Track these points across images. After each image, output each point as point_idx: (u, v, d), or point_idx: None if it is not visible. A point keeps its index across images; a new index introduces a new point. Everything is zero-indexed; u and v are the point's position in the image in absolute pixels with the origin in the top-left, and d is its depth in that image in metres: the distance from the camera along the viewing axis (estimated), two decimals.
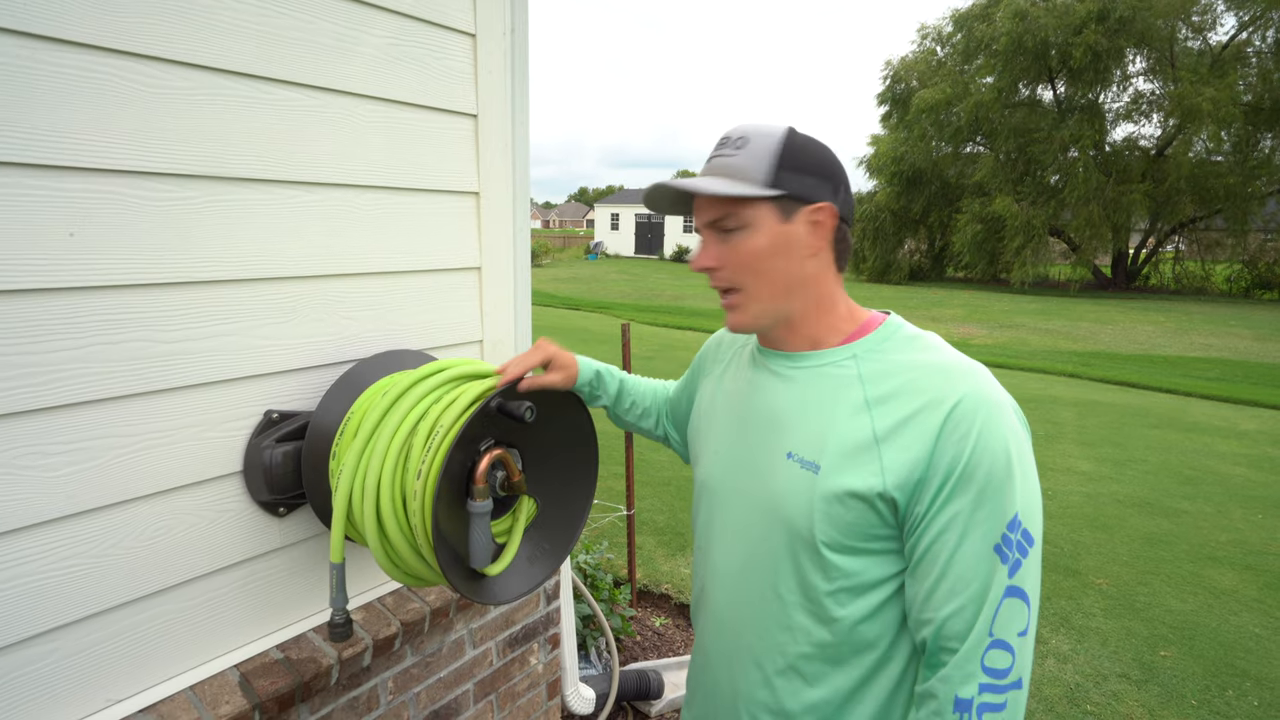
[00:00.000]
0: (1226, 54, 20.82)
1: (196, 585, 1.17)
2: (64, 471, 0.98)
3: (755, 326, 0.90)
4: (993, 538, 0.75)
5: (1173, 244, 23.81)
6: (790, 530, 0.85)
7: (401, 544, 1.08)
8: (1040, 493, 0.80)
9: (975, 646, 0.75)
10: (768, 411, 0.92)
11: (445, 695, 1.60)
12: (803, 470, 0.84)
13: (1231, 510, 4.49)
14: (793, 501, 0.84)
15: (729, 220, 0.85)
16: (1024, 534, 0.76)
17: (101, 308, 1.00)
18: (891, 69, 27.23)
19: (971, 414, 0.77)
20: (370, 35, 1.30)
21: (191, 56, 1.06)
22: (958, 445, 0.76)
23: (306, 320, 1.27)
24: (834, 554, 0.82)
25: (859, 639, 0.84)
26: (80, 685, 1.05)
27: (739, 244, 0.85)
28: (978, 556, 0.76)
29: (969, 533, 0.76)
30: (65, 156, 0.94)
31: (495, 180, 1.59)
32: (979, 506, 0.76)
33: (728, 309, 0.91)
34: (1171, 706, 2.52)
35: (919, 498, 0.78)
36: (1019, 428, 0.80)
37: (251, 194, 1.16)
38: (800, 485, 0.84)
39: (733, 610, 0.95)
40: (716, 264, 0.87)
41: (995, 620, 0.75)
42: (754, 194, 0.82)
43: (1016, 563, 0.75)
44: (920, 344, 0.86)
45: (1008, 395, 0.82)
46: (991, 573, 0.75)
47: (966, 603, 0.76)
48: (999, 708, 0.75)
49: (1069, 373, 9.66)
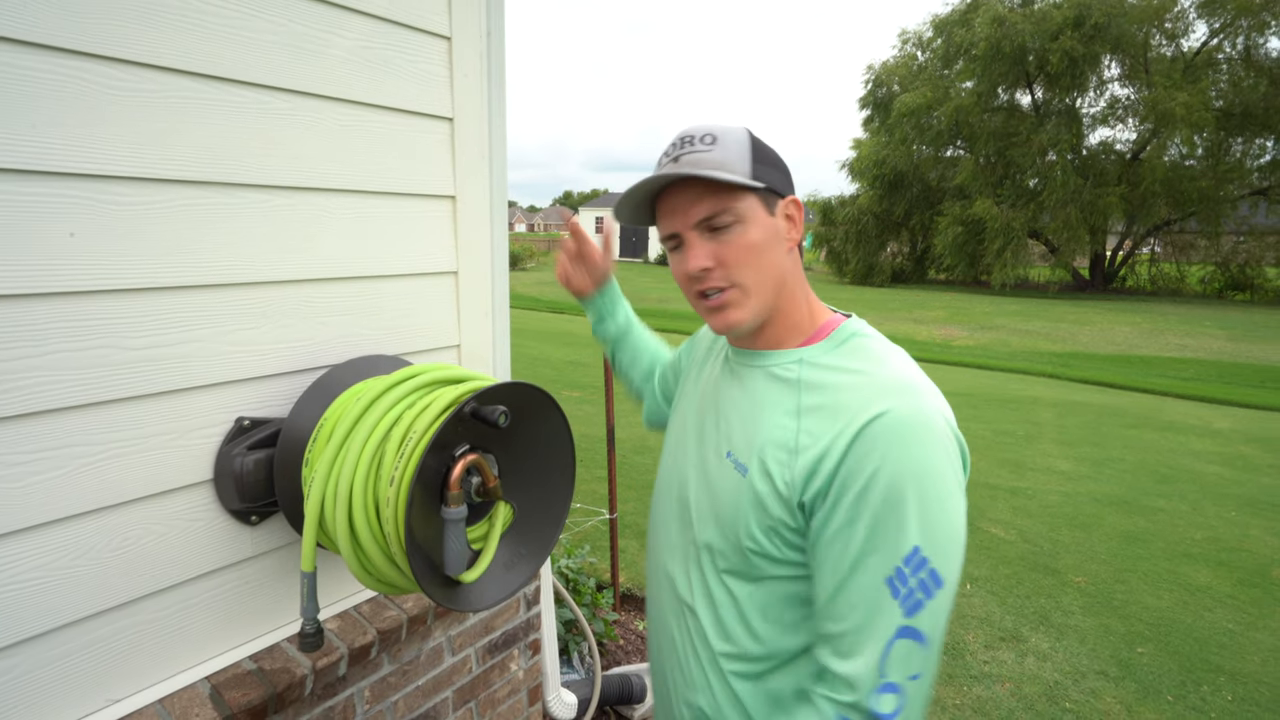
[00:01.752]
0: (1199, 60, 21.30)
1: (167, 595, 1.15)
2: (27, 481, 0.96)
3: (753, 323, 0.86)
4: (884, 569, 0.71)
5: (1148, 246, 24.27)
6: (720, 526, 0.86)
7: (375, 551, 1.07)
8: (961, 529, 0.74)
9: (863, 682, 0.72)
10: (721, 409, 0.93)
11: (423, 703, 1.58)
12: (735, 471, 0.85)
13: (1206, 508, 4.58)
14: (725, 500, 0.86)
15: (724, 215, 0.81)
16: (930, 573, 0.71)
17: (65, 314, 0.98)
18: (873, 73, 27.55)
19: (882, 434, 0.72)
20: (341, 38, 1.29)
21: (158, 59, 1.04)
22: (858, 464, 0.73)
23: (278, 325, 1.25)
24: (758, 559, 0.83)
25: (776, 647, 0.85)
26: (46, 700, 1.02)
27: (735, 239, 0.82)
28: (868, 586, 0.72)
29: (862, 559, 0.73)
30: (26, 160, 0.92)
31: (472, 184, 1.58)
32: (873, 533, 0.72)
33: (721, 307, 0.85)
34: (1149, 702, 2.55)
35: (822, 511, 0.76)
36: (941, 456, 0.73)
37: (221, 198, 1.15)
38: (732, 485, 0.85)
39: (663, 605, 0.96)
40: (714, 262, 0.83)
41: (886, 660, 0.71)
42: (750, 184, 0.80)
43: (917, 603, 0.71)
44: (867, 354, 0.83)
45: (943, 418, 0.76)
46: (881, 606, 0.71)
47: (850, 629, 0.73)
48: None
49: (1049, 373, 9.80)
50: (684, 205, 0.84)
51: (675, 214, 0.85)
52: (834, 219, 27.22)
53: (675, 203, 0.85)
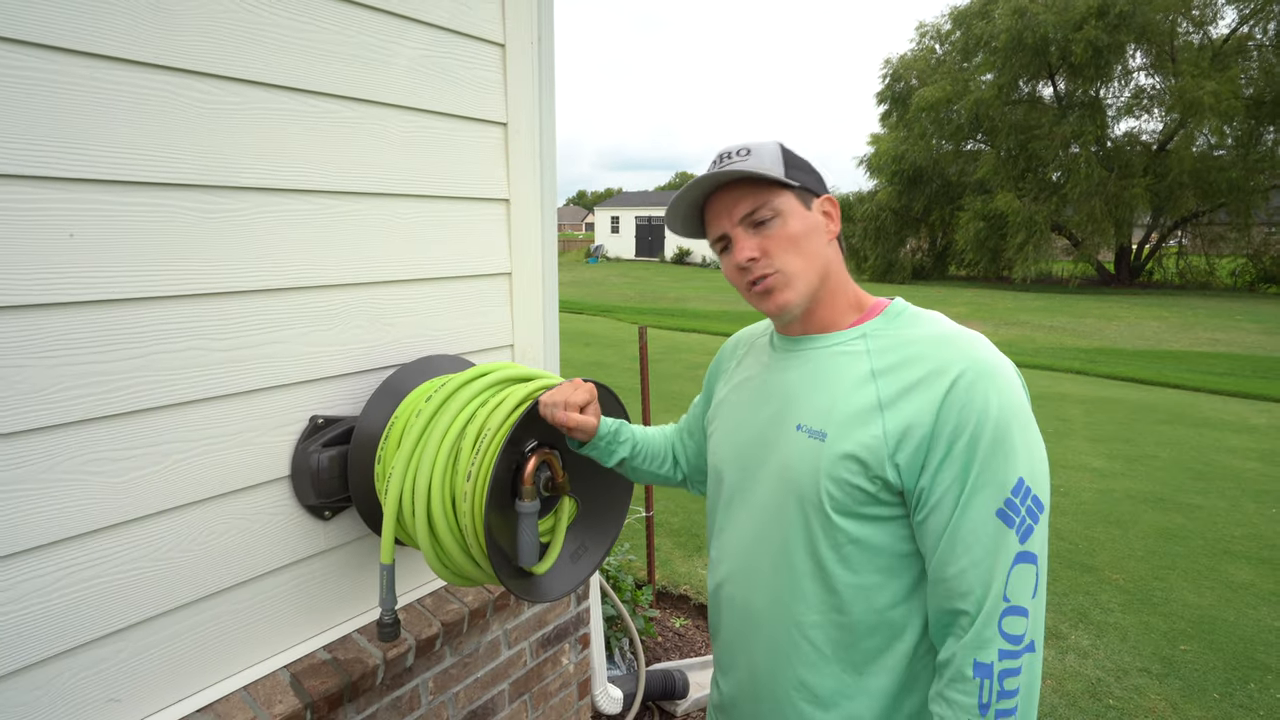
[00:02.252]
0: (1227, 47, 20.81)
1: (250, 587, 1.20)
2: (129, 477, 1.01)
3: (799, 304, 0.92)
4: (995, 503, 0.78)
5: (1175, 239, 23.77)
6: (800, 498, 0.89)
7: (451, 545, 1.10)
8: (1046, 458, 0.82)
9: (991, 612, 0.78)
10: (779, 390, 0.97)
11: (482, 695, 1.62)
12: (810, 439, 0.89)
13: (1245, 505, 4.50)
14: (801, 470, 0.89)
15: (763, 210, 0.90)
16: (1034, 499, 0.79)
17: (161, 318, 1.03)
18: (891, 67, 27.25)
19: (974, 382, 0.80)
20: (404, 47, 1.33)
21: (241, 72, 1.09)
22: (961, 412, 0.79)
23: (349, 326, 1.30)
24: (842, 518, 0.86)
25: (870, 606, 0.87)
26: (147, 684, 1.07)
27: (776, 230, 0.90)
28: (982, 521, 0.78)
29: (973, 497, 0.79)
30: (126, 172, 0.97)
31: (524, 187, 1.62)
32: (982, 471, 0.78)
33: (769, 290, 0.92)
34: (1194, 700, 2.53)
35: (923, 463, 0.81)
36: (1021, 394, 0.83)
37: (297, 204, 1.19)
38: (808, 453, 0.88)
39: (746, 585, 0.97)
40: (759, 252, 0.91)
41: (1008, 585, 0.78)
42: (784, 179, 0.89)
43: (1028, 529, 0.78)
44: (924, 319, 0.92)
45: (1009, 361, 0.85)
46: (999, 538, 0.78)
47: (970, 565, 0.79)
48: (1016, 672, 0.78)
49: (1076, 369, 9.66)
50: (727, 206, 0.93)
51: (720, 216, 0.94)
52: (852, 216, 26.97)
53: (719, 206, 0.94)
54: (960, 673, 0.79)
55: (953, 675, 0.80)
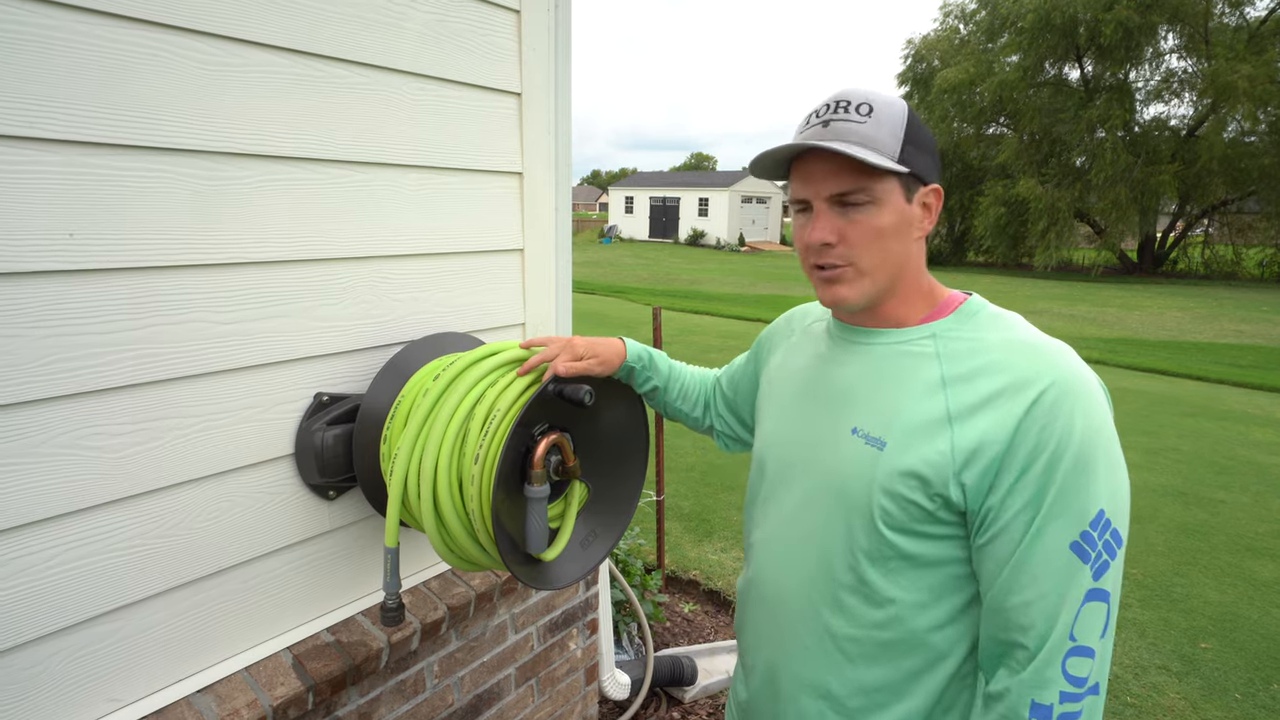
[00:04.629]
0: (1264, 29, 20.15)
1: (251, 567, 1.17)
2: (128, 452, 0.98)
3: (859, 304, 0.84)
4: (1070, 534, 0.71)
5: (1202, 227, 23.23)
6: (848, 507, 0.83)
7: (458, 529, 1.07)
8: (1128, 489, 0.75)
9: (1055, 650, 0.72)
10: (836, 386, 0.89)
11: (488, 679, 1.60)
12: (867, 446, 0.81)
13: (1270, 500, 4.40)
14: (854, 478, 0.82)
15: (860, 194, 0.79)
16: (1113, 533, 0.72)
17: (160, 289, 0.99)
18: (913, 48, 26.71)
19: (1060, 399, 0.72)
20: (416, 11, 1.27)
21: (246, 33, 1.04)
22: (1042, 432, 0.72)
23: (357, 301, 1.26)
24: (892, 533, 0.79)
25: (911, 626, 0.81)
26: (147, 662, 1.05)
27: (864, 220, 0.80)
28: (1054, 552, 0.71)
29: (1046, 525, 0.72)
30: (124, 135, 0.93)
31: (538, 160, 1.56)
32: (1059, 499, 0.71)
33: (831, 280, 0.83)
34: (1215, 699, 2.47)
35: (993, 484, 0.74)
36: (1108, 416, 0.75)
37: (303, 173, 1.15)
38: (863, 462, 0.81)
39: (781, 586, 0.92)
40: (836, 239, 0.81)
41: (1076, 623, 0.71)
42: (893, 167, 0.77)
43: (1104, 565, 0.71)
44: (1003, 323, 0.82)
45: (1096, 377, 0.77)
46: (1071, 572, 0.71)
47: (1036, 598, 0.72)
48: (1076, 715, 0.72)
49: (1096, 359, 9.49)
50: (821, 175, 0.81)
51: (811, 181, 0.82)
52: None
53: (812, 170, 0.82)
54: (1015, 711, 0.74)
55: (1005, 712, 0.74)
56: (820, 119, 0.81)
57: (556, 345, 1.09)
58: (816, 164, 0.81)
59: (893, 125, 0.79)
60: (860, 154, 0.76)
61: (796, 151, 0.82)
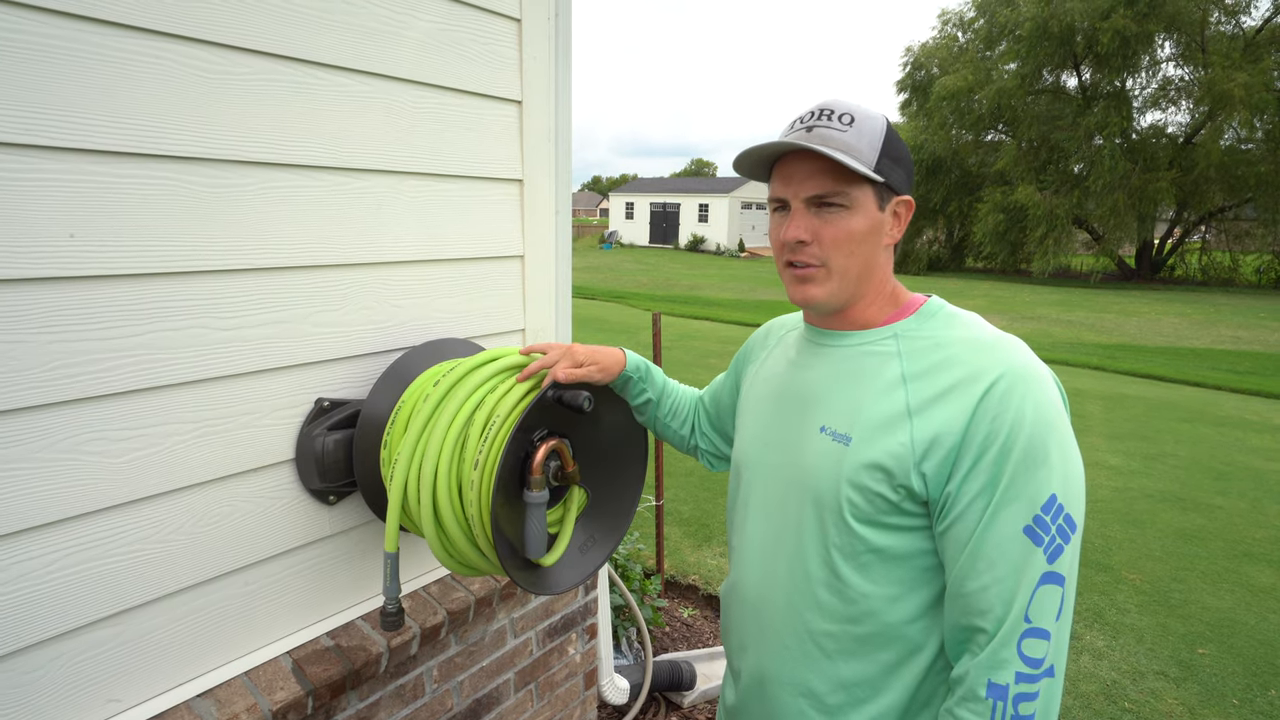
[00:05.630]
0: (1260, 38, 20.26)
1: (251, 572, 1.18)
2: (129, 457, 0.99)
3: (827, 303, 0.88)
4: (1023, 518, 0.74)
5: (1199, 234, 23.30)
6: (819, 504, 0.85)
7: (457, 534, 1.07)
8: (1083, 475, 0.77)
9: (1010, 632, 0.74)
10: (804, 389, 0.93)
11: (487, 684, 1.60)
12: (834, 443, 0.85)
13: (1267, 506, 4.40)
14: (822, 474, 0.85)
15: (837, 198, 0.82)
16: (1066, 518, 0.74)
17: (163, 294, 1.00)
18: (911, 55, 26.83)
19: (1010, 390, 0.75)
20: (417, 19, 1.29)
21: (248, 42, 1.05)
22: (994, 421, 0.75)
23: (358, 308, 1.26)
24: (861, 526, 0.82)
25: (885, 620, 0.84)
26: (144, 668, 1.05)
27: (837, 222, 0.83)
28: (1008, 536, 0.74)
29: (999, 511, 0.75)
30: (126, 142, 0.94)
31: (538, 168, 1.57)
32: (1012, 485, 0.74)
33: (802, 280, 0.87)
34: (1213, 705, 2.47)
35: (950, 472, 0.77)
36: (1059, 405, 0.78)
37: (304, 180, 1.15)
38: (830, 457, 0.84)
39: (760, 587, 0.95)
40: (810, 238, 0.84)
41: (1031, 605, 0.73)
42: (870, 175, 0.81)
43: (1058, 549, 0.74)
44: (960, 321, 0.86)
45: (1047, 369, 0.80)
46: (1025, 555, 0.73)
47: (992, 582, 0.75)
48: (1032, 697, 0.74)
49: (1094, 365, 9.51)
50: (800, 176, 0.84)
51: (790, 182, 0.85)
52: None
53: (793, 171, 0.85)
54: (973, 691, 0.76)
55: (965, 694, 0.77)
56: (804, 124, 0.84)
57: (556, 352, 1.10)
58: (798, 166, 0.85)
59: (872, 137, 0.83)
60: (841, 158, 0.79)
61: (779, 152, 0.86)
